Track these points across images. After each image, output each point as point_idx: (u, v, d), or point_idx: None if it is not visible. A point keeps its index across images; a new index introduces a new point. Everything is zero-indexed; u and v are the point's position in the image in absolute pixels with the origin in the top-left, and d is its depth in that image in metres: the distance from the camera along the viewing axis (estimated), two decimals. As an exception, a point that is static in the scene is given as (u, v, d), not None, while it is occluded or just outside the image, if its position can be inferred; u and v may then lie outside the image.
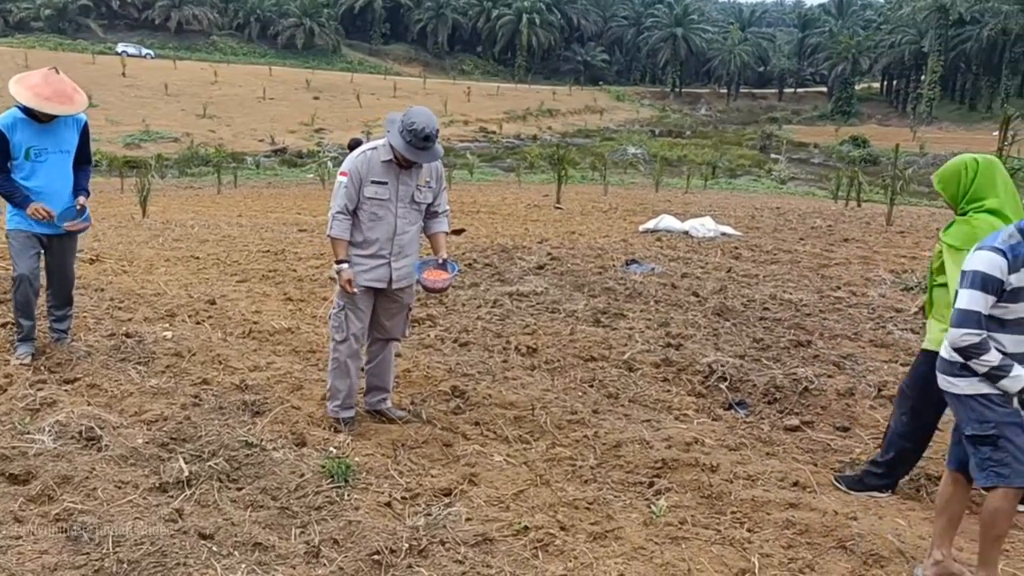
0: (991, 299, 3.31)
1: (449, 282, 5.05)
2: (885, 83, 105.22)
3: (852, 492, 4.63)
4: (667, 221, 14.94)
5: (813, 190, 33.86)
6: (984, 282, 3.28)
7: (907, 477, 4.87)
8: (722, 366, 6.37)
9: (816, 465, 4.92)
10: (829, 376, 6.41)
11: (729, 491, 4.40)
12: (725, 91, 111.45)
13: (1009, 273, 3.29)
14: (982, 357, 3.33)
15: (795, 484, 4.59)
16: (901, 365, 6.91)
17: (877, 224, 18.18)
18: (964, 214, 4.26)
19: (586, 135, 68.46)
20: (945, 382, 3.57)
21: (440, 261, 5.04)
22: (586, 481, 4.50)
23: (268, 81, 72.27)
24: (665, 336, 7.23)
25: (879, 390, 6.19)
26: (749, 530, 4.04)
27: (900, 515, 4.31)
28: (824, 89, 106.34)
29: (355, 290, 4.81)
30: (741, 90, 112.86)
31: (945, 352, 3.55)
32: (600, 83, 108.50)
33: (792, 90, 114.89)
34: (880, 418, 5.70)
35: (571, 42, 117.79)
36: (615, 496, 4.33)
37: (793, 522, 4.07)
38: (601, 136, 66.59)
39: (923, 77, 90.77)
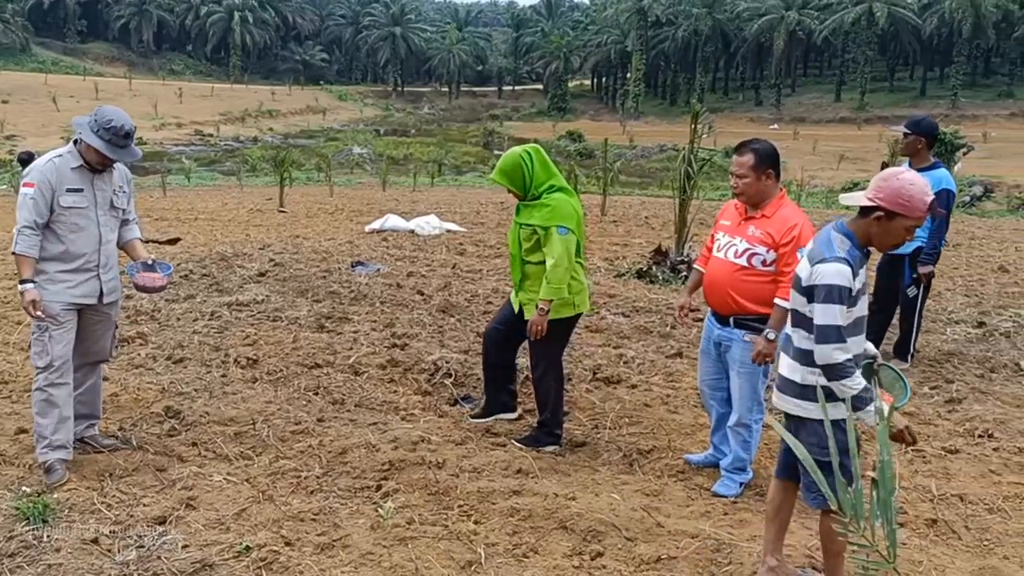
0: (845, 309, 3.25)
1: (166, 281, 4.82)
2: (595, 80, 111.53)
3: (526, 447, 5.13)
4: (393, 220, 14.97)
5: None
6: (840, 294, 3.23)
7: (620, 453, 5.18)
8: (447, 362, 6.47)
9: (538, 451, 5.10)
10: (548, 363, 6.67)
11: (456, 485, 4.47)
12: (447, 89, 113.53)
13: (853, 279, 3.28)
14: (846, 381, 3.22)
15: (519, 472, 4.74)
16: (614, 348, 7.33)
17: (593, 214, 19.18)
18: (537, 197, 4.99)
19: (309, 136, 67.14)
20: (792, 404, 3.49)
21: (150, 263, 4.78)
22: (312, 492, 4.40)
23: (-55, 83, 65.00)
24: (391, 337, 7.24)
25: (594, 373, 6.53)
26: (476, 522, 4.12)
27: (615, 490, 4.55)
28: (540, 87, 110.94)
29: (39, 313, 4.39)
30: (462, 88, 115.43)
31: (797, 375, 3.46)
32: (321, 82, 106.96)
33: (511, 88, 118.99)
34: (595, 400, 6.01)
35: (288, 41, 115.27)
36: (342, 504, 4.27)
37: (517, 509, 4.20)
38: (325, 136, 65.56)
39: (628, 75, 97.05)
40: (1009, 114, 73.14)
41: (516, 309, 5.30)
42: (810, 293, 3.32)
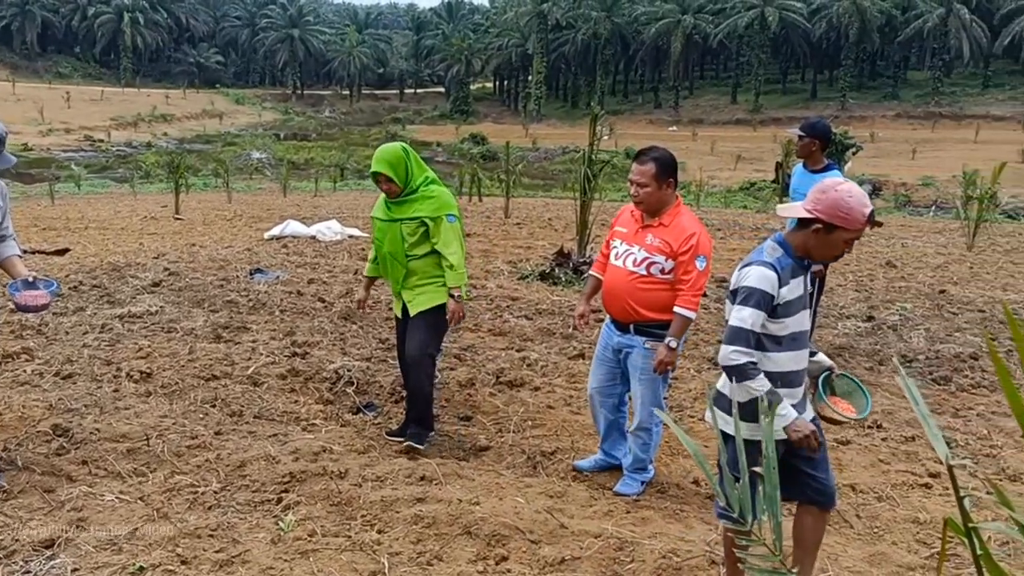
0: (763, 315, 3.22)
1: (49, 299, 4.59)
2: (497, 83, 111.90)
3: (420, 447, 5.14)
4: (293, 226, 14.71)
5: (438, 187, 35.17)
6: (759, 299, 3.20)
7: (524, 456, 5.20)
8: (349, 370, 6.39)
9: (442, 457, 5.08)
10: (451, 369, 6.67)
11: (359, 495, 4.41)
12: (347, 93, 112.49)
13: (780, 287, 3.23)
14: (750, 383, 3.21)
15: (422, 479, 4.70)
16: (517, 351, 7.36)
17: (497, 217, 19.24)
18: (415, 191, 5.05)
19: (206, 140, 65.58)
20: (722, 420, 3.40)
21: (31, 280, 4.56)
22: (209, 507, 4.28)
23: None
24: (291, 346, 7.10)
25: (497, 377, 6.54)
26: (379, 531, 4.07)
27: (519, 493, 4.56)
28: (442, 89, 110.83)
29: None
30: (363, 91, 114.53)
31: (727, 389, 3.41)
32: (217, 86, 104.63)
33: (412, 91, 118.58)
34: (499, 404, 6.03)
35: (181, 43, 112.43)
36: (241, 518, 4.16)
37: (421, 516, 4.17)
38: (223, 141, 64.08)
39: (530, 77, 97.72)
40: (894, 115, 76.31)
41: (400, 314, 5.30)
42: (734, 296, 3.31)
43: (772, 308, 3.23)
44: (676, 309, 4.42)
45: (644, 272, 4.49)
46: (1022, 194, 27.91)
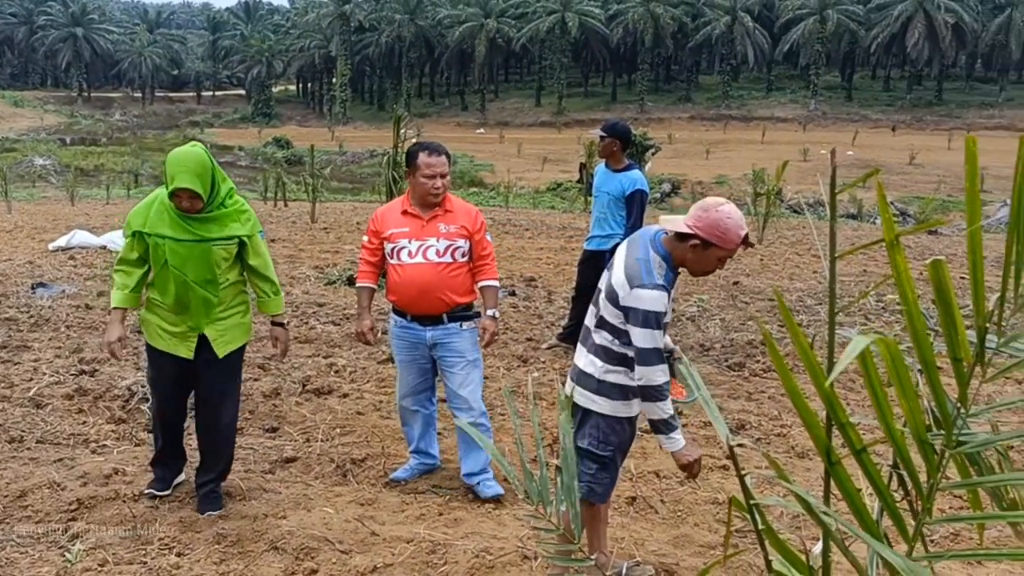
0: (660, 333, 3.34)
1: None
2: (301, 85, 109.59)
3: (216, 510, 4.36)
4: (80, 236, 13.80)
5: (243, 192, 34.04)
6: (656, 319, 3.30)
7: (333, 465, 5.06)
8: (143, 386, 6.01)
9: (246, 471, 4.87)
10: (255, 379, 6.43)
11: (155, 518, 4.18)
12: (140, 95, 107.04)
13: (667, 302, 3.36)
14: (661, 404, 3.34)
15: (225, 495, 4.49)
16: (324, 358, 7.19)
17: (303, 222, 18.82)
18: (223, 205, 4.17)
19: (-19, 147, 60.67)
20: (585, 398, 3.52)
21: None
22: (-16, 544, 3.92)
23: None
24: (78, 363, 6.64)
25: (304, 385, 6.36)
26: (179, 554, 3.86)
27: (328, 503, 4.44)
28: (243, 92, 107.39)
29: None
30: (157, 94, 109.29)
31: (595, 370, 3.51)
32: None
33: (211, 93, 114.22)
34: (306, 413, 5.85)
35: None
36: (22, 553, 3.84)
37: (224, 534, 3.99)
38: (0, 147, 59.52)
39: (334, 80, 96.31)
40: (689, 117, 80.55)
41: (191, 355, 4.25)
42: (625, 313, 3.36)
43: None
44: (487, 282, 4.69)
45: (450, 260, 4.59)
46: (804, 190, 30.00)
